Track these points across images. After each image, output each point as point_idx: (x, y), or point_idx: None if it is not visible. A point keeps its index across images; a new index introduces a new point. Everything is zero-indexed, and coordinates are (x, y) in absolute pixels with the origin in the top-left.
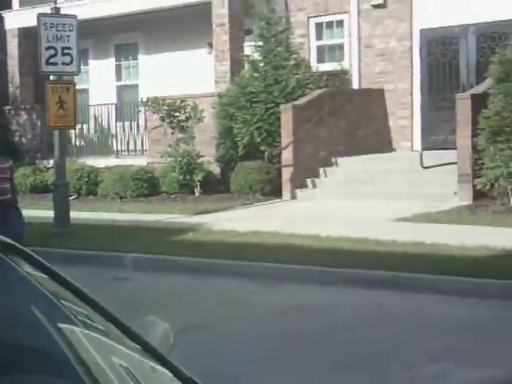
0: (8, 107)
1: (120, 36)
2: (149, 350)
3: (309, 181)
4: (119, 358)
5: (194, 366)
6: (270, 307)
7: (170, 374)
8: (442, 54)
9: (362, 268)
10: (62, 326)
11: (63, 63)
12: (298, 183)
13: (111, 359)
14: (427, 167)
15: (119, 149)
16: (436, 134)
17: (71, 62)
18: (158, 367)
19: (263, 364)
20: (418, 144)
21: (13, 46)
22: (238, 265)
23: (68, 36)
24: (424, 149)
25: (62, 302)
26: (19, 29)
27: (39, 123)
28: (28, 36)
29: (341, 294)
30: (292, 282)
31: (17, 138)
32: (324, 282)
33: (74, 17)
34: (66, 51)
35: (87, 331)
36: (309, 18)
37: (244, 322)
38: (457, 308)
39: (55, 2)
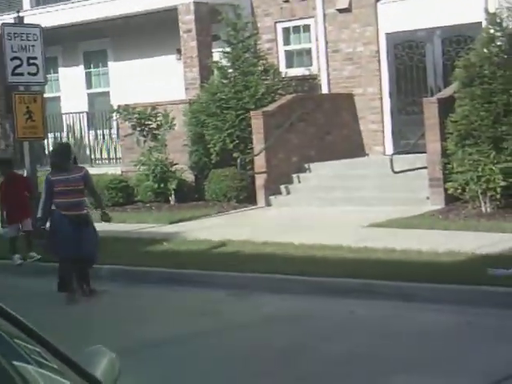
0: None
1: (88, 43)
2: None
3: (282, 187)
4: None
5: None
6: (241, 318)
7: None
8: (408, 57)
9: (335, 276)
10: (16, 363)
11: (29, 73)
12: (272, 190)
13: None
14: (398, 172)
15: (93, 157)
16: (407, 138)
17: (37, 72)
18: None
19: (229, 378)
20: (390, 148)
21: None
22: (211, 275)
23: (33, 46)
24: (396, 153)
25: (15, 340)
26: None
27: (12, 133)
28: None
29: (312, 303)
30: (264, 292)
31: None
32: (296, 291)
33: (38, 26)
34: (31, 61)
35: (41, 370)
36: (275, 22)
37: (216, 334)
38: (429, 315)
39: (18, 12)
